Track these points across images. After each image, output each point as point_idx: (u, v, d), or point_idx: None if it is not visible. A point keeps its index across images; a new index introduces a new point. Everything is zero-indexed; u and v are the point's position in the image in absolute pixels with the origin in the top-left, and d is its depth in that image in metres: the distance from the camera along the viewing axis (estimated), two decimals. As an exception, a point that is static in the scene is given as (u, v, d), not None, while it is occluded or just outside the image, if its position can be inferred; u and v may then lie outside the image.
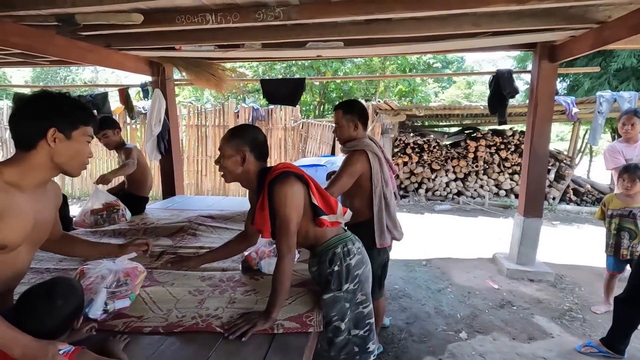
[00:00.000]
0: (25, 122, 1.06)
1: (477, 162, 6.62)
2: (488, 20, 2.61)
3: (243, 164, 1.47)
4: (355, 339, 1.55)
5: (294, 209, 1.41)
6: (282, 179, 1.41)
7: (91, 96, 4.34)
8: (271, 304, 1.42)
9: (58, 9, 2.15)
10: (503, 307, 3.03)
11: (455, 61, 13.82)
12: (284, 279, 1.42)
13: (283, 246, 1.42)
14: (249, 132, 1.52)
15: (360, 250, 1.60)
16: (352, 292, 1.53)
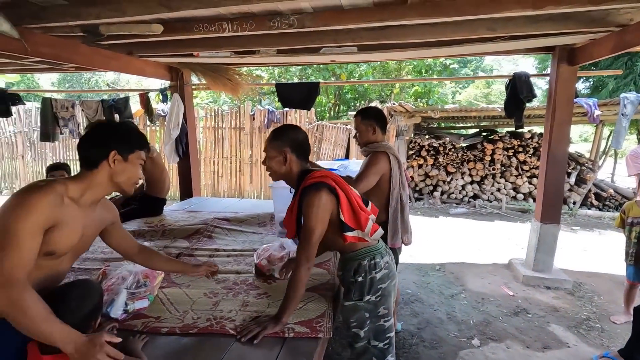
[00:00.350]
0: (91, 145, 1.24)
1: (494, 165, 6.51)
2: (503, 24, 2.58)
3: (285, 164, 1.53)
4: (374, 350, 1.56)
5: (319, 222, 1.43)
6: (314, 190, 1.43)
7: (114, 100, 4.51)
8: (283, 308, 1.47)
9: (84, 21, 2.26)
10: (518, 314, 2.99)
11: (473, 60, 13.58)
12: (298, 286, 1.46)
13: (302, 255, 1.45)
14: (289, 132, 1.57)
15: (388, 264, 1.58)
16: (373, 304, 1.53)
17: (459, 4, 2.21)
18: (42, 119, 4.47)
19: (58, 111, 4.46)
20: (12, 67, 4.03)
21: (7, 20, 2.14)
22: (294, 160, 1.54)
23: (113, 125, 1.33)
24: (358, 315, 1.54)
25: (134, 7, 2.12)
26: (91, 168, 1.23)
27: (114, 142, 1.25)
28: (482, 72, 16.61)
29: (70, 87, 14.70)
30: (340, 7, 2.32)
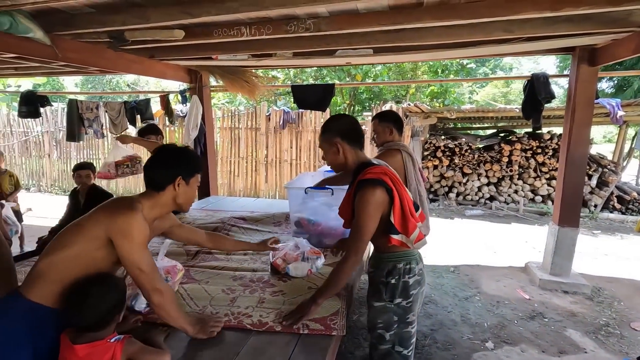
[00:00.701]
0: (160, 170, 1.38)
1: (511, 167, 6.40)
2: (520, 25, 2.56)
3: (340, 153, 1.55)
4: (398, 356, 1.56)
5: (372, 219, 1.44)
6: (370, 186, 1.43)
7: (135, 102, 4.66)
8: (320, 292, 1.54)
9: (110, 27, 2.37)
10: (533, 318, 2.96)
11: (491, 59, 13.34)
12: (341, 276, 1.51)
13: (352, 249, 1.48)
14: (335, 122, 1.60)
15: (421, 272, 1.58)
16: (403, 308, 1.53)
17: (474, 7, 2.22)
18: (68, 120, 4.66)
19: (83, 112, 4.64)
20: (41, 70, 4.23)
21: (40, 28, 2.27)
22: (347, 148, 1.54)
23: (178, 151, 1.44)
24: (386, 317, 1.54)
25: (158, 14, 2.22)
26: (158, 190, 1.37)
27: (180, 168, 1.38)
28: (501, 71, 16.31)
29: (93, 88, 15.19)
30: (356, 11, 2.36)
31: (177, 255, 2.28)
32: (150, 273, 1.28)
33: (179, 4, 2.16)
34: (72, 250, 1.24)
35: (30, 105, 4.64)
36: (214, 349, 1.38)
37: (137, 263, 1.25)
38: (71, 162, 8.02)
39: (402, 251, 1.54)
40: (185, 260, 2.23)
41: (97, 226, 1.26)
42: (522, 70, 18.07)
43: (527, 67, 17.68)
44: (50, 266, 1.23)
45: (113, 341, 1.18)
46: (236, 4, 2.06)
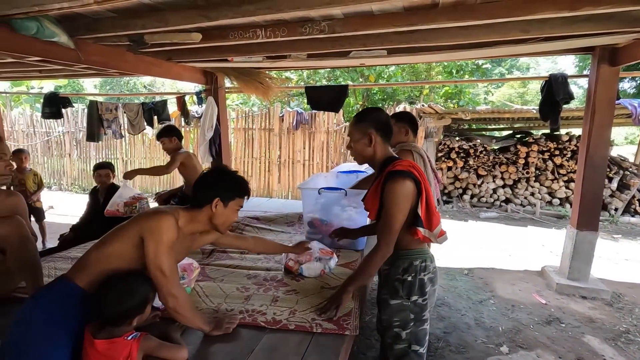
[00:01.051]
0: (202, 189, 1.43)
1: (528, 169, 6.28)
2: (538, 25, 2.51)
3: (371, 145, 1.56)
4: (414, 355, 1.56)
5: (402, 210, 1.45)
6: (400, 177, 1.45)
7: (153, 103, 4.77)
8: (351, 279, 1.59)
9: (131, 31, 2.44)
10: (550, 323, 2.90)
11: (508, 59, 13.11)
12: (372, 266, 1.53)
13: (382, 240, 1.49)
14: (372, 114, 1.62)
15: (434, 270, 1.61)
16: (420, 306, 1.54)
17: (491, 7, 2.19)
18: (89, 121, 4.81)
19: (103, 113, 4.78)
20: (63, 72, 4.38)
21: (64, 32, 2.35)
22: (379, 142, 1.56)
23: (222, 173, 1.49)
24: (403, 315, 1.55)
25: (176, 18, 2.27)
26: (197, 207, 1.42)
27: (219, 190, 1.41)
28: (518, 71, 15.99)
29: (111, 89, 15.58)
30: (371, 12, 2.36)
31: (193, 254, 2.32)
32: (169, 277, 1.31)
33: (196, 8, 2.21)
34: (112, 247, 1.33)
35: (53, 107, 4.79)
36: (229, 346, 1.41)
37: (160, 264, 1.29)
38: (90, 162, 8.25)
39: (418, 249, 1.57)
40: (200, 259, 2.28)
41: (134, 226, 1.33)
42: (540, 70, 17.67)
43: (544, 67, 17.28)
44: (96, 258, 1.33)
45: (130, 339, 1.21)
46: (252, 7, 2.09)
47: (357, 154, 1.62)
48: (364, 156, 1.61)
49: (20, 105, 11.86)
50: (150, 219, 1.33)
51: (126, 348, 1.20)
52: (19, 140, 8.72)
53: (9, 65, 3.66)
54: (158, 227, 1.30)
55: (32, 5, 1.90)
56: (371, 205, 1.58)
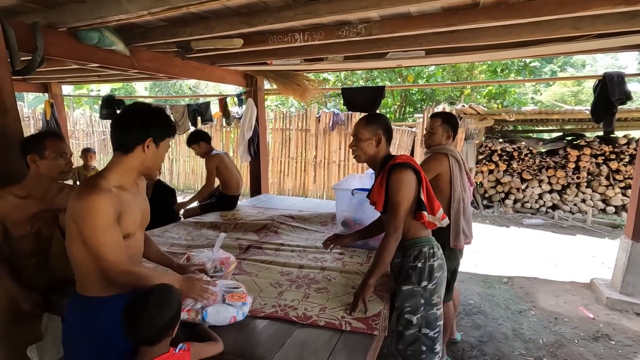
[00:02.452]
0: (129, 131, 1.27)
1: (578, 173, 5.86)
2: (591, 22, 2.36)
3: (378, 146, 1.71)
4: (425, 339, 1.65)
5: (406, 197, 1.60)
6: (402, 168, 1.62)
7: (197, 105, 5.04)
8: (370, 272, 1.66)
9: (179, 38, 2.61)
10: (597, 339, 2.71)
11: (560, 56, 12.24)
12: (386, 253, 1.62)
13: (391, 226, 1.62)
14: (382, 118, 1.76)
15: (442, 256, 1.73)
16: (429, 291, 1.65)
17: (536, 5, 2.10)
18: (140, 121, 5.17)
19: (152, 114, 5.11)
20: (119, 77, 4.76)
21: (121, 41, 2.57)
22: (384, 144, 1.72)
23: (149, 111, 1.33)
24: (414, 300, 1.64)
25: (220, 25, 2.40)
26: (126, 152, 1.28)
27: (151, 129, 1.28)
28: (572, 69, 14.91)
29: (160, 91, 16.52)
30: (408, 14, 2.35)
31: (230, 249, 2.44)
32: (115, 260, 1.20)
33: (239, 15, 2.32)
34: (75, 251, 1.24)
35: (109, 108, 5.21)
36: (261, 337, 1.49)
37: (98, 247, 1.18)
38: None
39: (425, 237, 1.71)
40: (237, 254, 2.39)
41: (70, 221, 1.21)
42: (597, 68, 16.34)
43: (603, 64, 15.93)
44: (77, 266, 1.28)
45: (178, 351, 1.19)
46: (291, 13, 2.16)
47: (362, 152, 1.73)
48: (368, 154, 1.72)
49: (81, 107, 12.98)
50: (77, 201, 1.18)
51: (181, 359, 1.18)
52: (79, 138, 9.54)
53: (73, 71, 4.05)
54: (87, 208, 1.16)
55: (94, 18, 2.10)
56: (377, 198, 1.70)
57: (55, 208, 1.72)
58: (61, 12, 2.16)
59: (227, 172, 3.54)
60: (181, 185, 8.63)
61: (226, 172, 3.53)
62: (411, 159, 1.71)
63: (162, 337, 1.14)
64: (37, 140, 1.71)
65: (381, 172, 1.71)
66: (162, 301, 1.14)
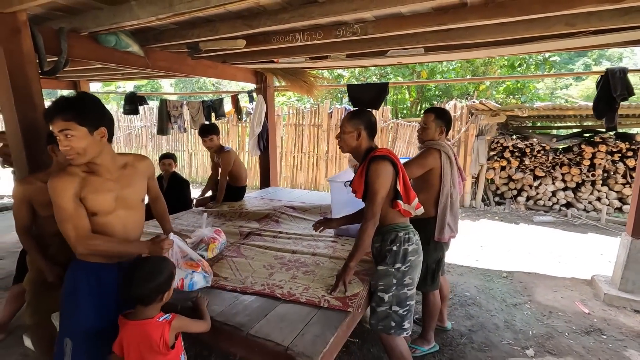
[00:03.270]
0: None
1: (593, 171, 5.73)
2: (585, 18, 2.38)
3: (358, 139, 1.86)
4: (395, 316, 1.80)
5: (382, 186, 1.75)
6: (380, 160, 1.77)
7: (211, 101, 5.29)
8: (351, 255, 1.82)
9: (188, 40, 2.82)
10: (589, 333, 2.75)
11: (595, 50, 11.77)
12: (365, 237, 1.77)
13: (369, 212, 1.77)
14: (365, 114, 1.91)
15: (417, 242, 1.88)
16: (402, 272, 1.80)
17: (523, 3, 2.16)
18: (159, 117, 5.48)
19: (170, 110, 5.41)
20: (140, 75, 5.06)
21: (136, 43, 2.81)
22: (365, 137, 1.86)
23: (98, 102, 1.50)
24: (387, 280, 1.80)
25: (225, 27, 2.59)
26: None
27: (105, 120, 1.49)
28: (608, 62, 14.31)
29: (184, 87, 17.08)
30: (400, 14, 2.46)
31: (232, 235, 2.65)
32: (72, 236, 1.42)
33: (240, 18, 2.50)
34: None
35: (132, 104, 5.54)
36: (247, 309, 1.67)
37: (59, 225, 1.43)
38: (162, 153, 9.27)
39: (401, 223, 1.85)
40: (237, 239, 2.60)
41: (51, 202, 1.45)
42: (636, 60, 15.67)
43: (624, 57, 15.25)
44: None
45: (162, 320, 1.35)
46: (287, 15, 2.32)
47: (344, 143, 1.89)
48: (349, 146, 1.88)
49: (109, 103, 13.64)
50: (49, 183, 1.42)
51: (159, 329, 1.33)
52: (106, 133, 10.07)
53: (99, 70, 4.36)
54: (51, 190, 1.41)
55: (111, 23, 2.33)
56: (357, 186, 1.85)
57: None
58: (83, 18, 2.40)
59: (239, 165, 3.76)
60: (199, 178, 8.98)
61: (239, 165, 3.75)
62: (390, 152, 1.84)
63: (152, 299, 1.34)
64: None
65: (362, 163, 1.85)
66: (154, 268, 1.37)
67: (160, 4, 2.04)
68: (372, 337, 2.62)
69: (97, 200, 1.48)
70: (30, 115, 2.18)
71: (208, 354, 2.44)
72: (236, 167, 3.71)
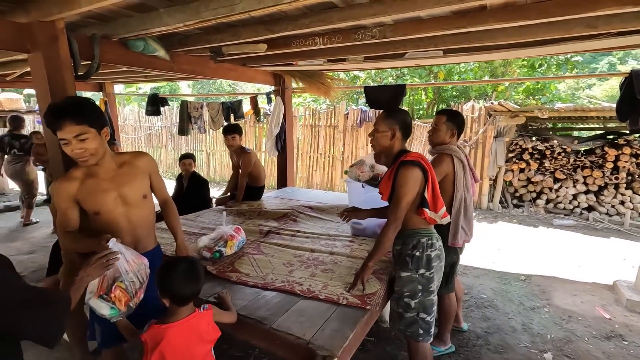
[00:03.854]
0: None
1: (617, 174, 5.59)
2: (607, 20, 2.35)
3: (392, 139, 1.85)
4: (422, 323, 1.81)
5: (410, 191, 1.74)
6: (410, 165, 1.74)
7: (231, 102, 5.41)
8: (370, 256, 1.84)
9: (212, 44, 2.92)
10: (610, 339, 2.71)
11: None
12: (385, 240, 1.78)
13: (392, 215, 1.77)
14: (401, 114, 1.90)
15: (440, 248, 1.87)
16: (427, 278, 1.80)
17: (543, 6, 2.16)
18: (180, 117, 5.64)
19: (191, 111, 5.56)
20: (161, 77, 5.23)
21: (163, 48, 2.93)
22: (399, 138, 1.84)
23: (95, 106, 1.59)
24: (412, 286, 1.80)
25: (247, 32, 2.68)
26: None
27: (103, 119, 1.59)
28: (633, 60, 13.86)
29: (201, 88, 17.42)
30: (419, 18, 2.49)
31: (252, 233, 2.74)
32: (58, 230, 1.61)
33: (262, 23, 2.58)
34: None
35: (154, 105, 5.73)
36: (269, 304, 1.74)
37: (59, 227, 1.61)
38: (181, 153, 9.50)
39: (425, 229, 1.83)
40: (257, 237, 2.68)
41: None
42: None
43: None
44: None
45: (203, 310, 1.43)
46: (308, 20, 2.39)
47: (377, 143, 1.87)
48: (382, 146, 1.86)
49: (130, 104, 14.05)
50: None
51: (204, 318, 1.42)
52: (128, 132, 10.39)
53: (123, 73, 4.54)
54: (53, 191, 1.59)
55: (140, 30, 2.45)
56: (384, 188, 1.84)
57: None
58: (114, 25, 2.53)
59: (259, 166, 3.86)
60: (217, 177, 9.17)
61: (259, 166, 3.85)
62: (422, 157, 1.80)
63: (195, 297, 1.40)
64: None
65: (392, 166, 1.84)
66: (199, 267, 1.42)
67: (188, 12, 2.14)
68: (387, 335, 2.66)
69: (95, 201, 1.58)
70: (66, 117, 2.31)
71: (228, 347, 2.53)
72: (256, 168, 3.81)
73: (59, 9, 2.01)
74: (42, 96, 2.28)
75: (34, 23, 2.15)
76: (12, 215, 5.90)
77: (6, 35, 2.12)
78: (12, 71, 4.03)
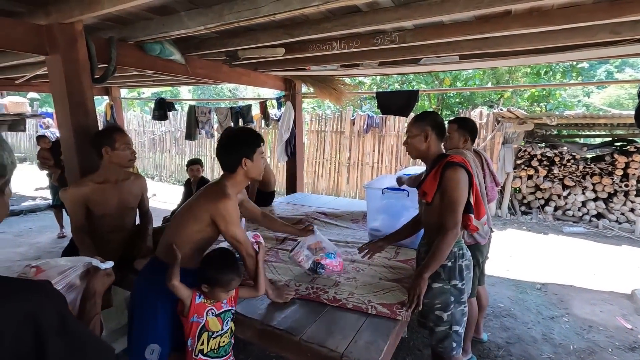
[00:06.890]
0: (228, 157, 1.63)
1: (627, 181, 5.56)
2: (631, 26, 2.33)
3: (426, 141, 1.77)
4: (455, 336, 1.72)
5: (463, 194, 1.65)
6: (459, 168, 1.66)
7: (240, 107, 5.38)
8: (426, 266, 1.67)
9: (228, 48, 2.90)
10: (634, 350, 2.65)
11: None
12: (444, 248, 1.64)
13: (449, 222, 1.64)
14: (431, 115, 1.83)
15: (470, 258, 1.80)
16: (459, 290, 1.71)
17: (570, 12, 2.13)
18: (188, 122, 5.61)
19: (198, 116, 5.53)
20: (170, 82, 5.21)
21: (179, 51, 2.90)
22: (434, 139, 1.76)
23: (236, 135, 1.65)
24: (444, 298, 1.71)
25: (266, 36, 2.65)
26: (231, 172, 1.63)
27: (242, 150, 1.60)
28: (630, 69, 13.92)
29: (202, 93, 17.44)
30: (441, 22, 2.46)
31: (268, 240, 2.68)
32: (244, 243, 1.61)
33: (282, 27, 2.55)
34: (188, 228, 1.60)
35: (161, 110, 5.69)
36: (296, 314, 1.69)
37: (235, 236, 1.58)
38: (185, 158, 9.45)
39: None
40: (274, 244, 2.62)
41: (202, 211, 1.57)
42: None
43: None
44: (179, 238, 1.59)
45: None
46: (330, 24, 2.36)
47: (412, 148, 1.80)
48: (418, 150, 1.78)
49: (132, 108, 14.03)
50: (217, 205, 1.54)
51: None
52: (131, 137, 10.35)
53: (133, 77, 4.51)
54: (226, 212, 1.54)
55: (159, 33, 2.42)
56: (429, 189, 1.72)
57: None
58: (133, 28, 2.50)
59: (269, 172, 3.82)
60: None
61: (269, 172, 3.81)
62: (465, 161, 1.73)
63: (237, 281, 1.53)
64: (108, 134, 2.04)
65: (435, 167, 1.73)
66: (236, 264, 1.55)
67: (210, 15, 2.11)
68: (405, 345, 2.59)
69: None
70: (83, 120, 2.28)
71: (245, 357, 2.46)
72: (266, 174, 3.76)
73: (80, 10, 1.98)
74: (59, 99, 2.24)
75: (53, 25, 2.12)
76: (15, 220, 5.83)
77: (25, 37, 2.09)
78: (21, 74, 3.99)
